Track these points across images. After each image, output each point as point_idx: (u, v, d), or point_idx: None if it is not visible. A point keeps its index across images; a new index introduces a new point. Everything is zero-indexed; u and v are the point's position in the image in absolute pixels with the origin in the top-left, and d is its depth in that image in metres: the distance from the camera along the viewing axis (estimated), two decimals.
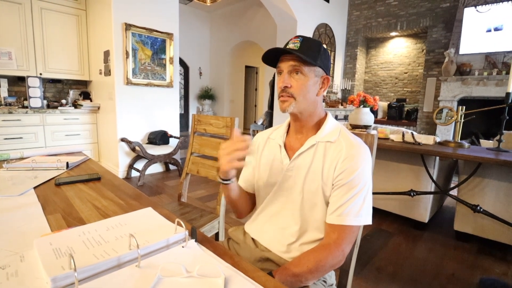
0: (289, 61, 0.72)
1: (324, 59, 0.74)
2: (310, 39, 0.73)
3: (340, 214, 0.69)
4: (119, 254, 0.51)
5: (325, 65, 0.74)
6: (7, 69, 3.04)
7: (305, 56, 0.69)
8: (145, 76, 3.29)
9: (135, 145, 3.09)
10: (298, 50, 0.70)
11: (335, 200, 0.70)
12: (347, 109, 5.30)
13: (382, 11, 5.32)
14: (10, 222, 0.66)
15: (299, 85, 0.72)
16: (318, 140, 0.75)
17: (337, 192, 0.70)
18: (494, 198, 1.85)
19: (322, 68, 0.74)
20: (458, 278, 1.59)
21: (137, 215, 0.71)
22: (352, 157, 0.70)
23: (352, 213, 0.68)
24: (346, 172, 0.69)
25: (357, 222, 0.68)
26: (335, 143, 0.73)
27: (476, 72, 4.12)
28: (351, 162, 0.69)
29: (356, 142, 0.73)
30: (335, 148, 0.73)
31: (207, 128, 1.41)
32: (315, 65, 0.72)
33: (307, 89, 0.72)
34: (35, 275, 0.47)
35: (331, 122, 0.78)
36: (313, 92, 0.74)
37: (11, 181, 0.95)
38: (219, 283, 0.46)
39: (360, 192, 0.69)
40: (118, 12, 2.96)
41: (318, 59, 0.72)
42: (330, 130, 0.76)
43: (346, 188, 0.69)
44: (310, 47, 0.71)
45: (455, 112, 2.08)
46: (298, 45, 0.70)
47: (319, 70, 0.73)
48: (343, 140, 0.73)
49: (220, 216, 1.33)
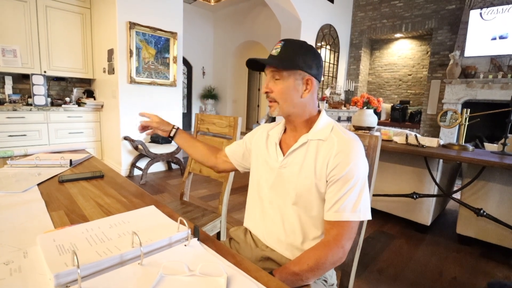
0: (269, 68, 0.75)
1: (307, 60, 0.73)
2: (292, 42, 0.74)
3: (337, 210, 0.69)
4: (122, 252, 0.51)
5: (308, 66, 0.73)
6: (12, 66, 3.06)
7: (281, 63, 0.72)
8: (149, 75, 3.30)
9: (138, 143, 3.10)
10: (276, 56, 0.73)
11: (331, 196, 0.70)
12: (350, 110, 5.29)
13: (387, 13, 5.30)
14: (14, 218, 0.67)
15: (279, 89, 0.74)
16: (310, 138, 0.75)
17: (332, 188, 0.70)
18: (497, 202, 1.83)
19: (304, 70, 0.73)
20: (460, 282, 1.58)
21: (140, 213, 0.71)
22: (343, 152, 0.70)
23: (348, 208, 0.68)
24: (339, 167, 0.69)
25: (355, 217, 0.68)
26: (327, 141, 0.74)
27: (481, 75, 4.09)
28: (343, 157, 0.69)
29: (348, 137, 0.73)
30: (327, 145, 0.73)
31: (210, 128, 1.41)
32: (294, 68, 0.73)
33: (287, 93, 0.74)
34: (38, 271, 0.47)
35: (324, 119, 0.78)
36: (296, 95, 0.74)
37: (15, 177, 0.95)
38: (222, 282, 0.46)
39: (354, 186, 0.69)
40: (122, 10, 2.97)
41: (299, 61, 0.72)
42: (322, 128, 0.76)
43: (341, 183, 0.69)
44: (289, 50, 0.72)
45: (459, 114, 2.06)
46: (278, 50, 0.73)
47: (300, 73, 0.73)
48: (335, 136, 0.73)
49: (222, 215, 1.33)
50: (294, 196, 0.75)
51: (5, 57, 3.01)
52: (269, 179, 0.81)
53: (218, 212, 1.34)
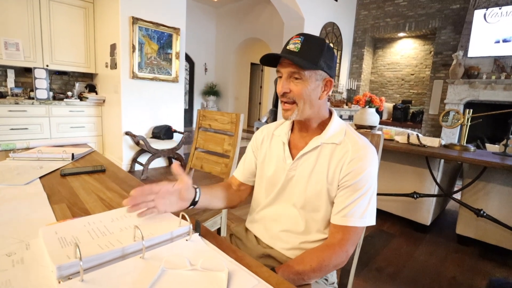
0: (288, 66, 0.69)
1: (327, 60, 0.69)
2: (312, 38, 0.69)
3: (345, 215, 0.68)
4: (123, 245, 0.51)
5: (328, 66, 0.70)
6: (14, 59, 3.06)
7: (305, 61, 0.66)
8: (151, 71, 3.30)
9: (139, 139, 3.10)
10: (298, 52, 0.67)
11: (341, 200, 0.70)
12: (352, 109, 5.27)
13: (391, 11, 5.27)
14: (16, 210, 0.67)
15: (299, 89, 0.69)
16: (323, 142, 0.73)
17: (343, 193, 0.70)
18: (498, 203, 1.83)
19: (325, 70, 0.70)
20: (459, 281, 1.58)
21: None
22: (358, 159, 0.69)
23: (357, 214, 0.68)
24: (353, 173, 0.68)
25: (361, 223, 0.68)
26: (341, 145, 0.72)
27: (484, 76, 4.07)
28: (357, 164, 0.68)
29: (363, 143, 0.71)
30: (341, 150, 0.71)
31: (212, 124, 1.41)
32: (316, 69, 0.69)
33: (307, 94, 0.69)
34: (40, 263, 0.47)
35: (336, 122, 0.76)
36: (315, 96, 0.71)
37: (17, 170, 0.96)
38: (223, 276, 0.46)
39: (365, 194, 0.69)
40: (125, 5, 2.96)
41: (320, 60, 0.68)
42: (335, 131, 0.74)
43: (352, 190, 0.69)
44: (311, 48, 0.67)
45: (461, 115, 2.06)
46: (298, 46, 0.67)
47: (321, 73, 0.70)
48: (349, 141, 0.72)
49: (222, 211, 1.33)
50: (303, 200, 0.74)
51: (8, 50, 3.01)
52: (276, 181, 0.79)
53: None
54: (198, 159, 1.46)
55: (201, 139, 1.46)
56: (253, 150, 0.89)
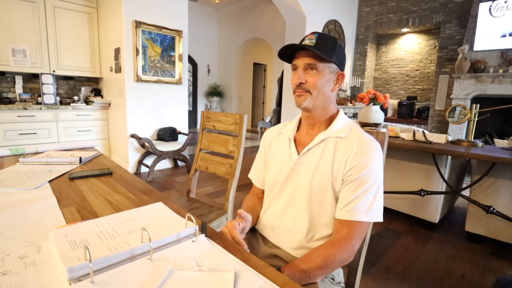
0: (304, 58, 0.73)
1: (339, 56, 0.74)
2: (326, 35, 0.74)
3: (350, 209, 0.68)
4: (132, 247, 0.52)
5: (340, 62, 0.75)
6: (22, 66, 3.12)
7: (321, 53, 0.70)
8: (155, 73, 3.32)
9: (145, 141, 3.13)
10: (313, 46, 0.71)
11: (345, 195, 0.70)
12: (356, 106, 5.24)
13: (394, 7, 5.21)
14: (27, 214, 0.69)
15: (314, 80, 0.73)
16: (328, 136, 0.75)
17: (347, 188, 0.70)
18: (508, 199, 1.80)
19: (337, 65, 0.74)
20: (469, 280, 1.56)
21: (148, 209, 0.72)
22: (362, 153, 0.70)
23: (362, 209, 0.68)
24: (357, 167, 0.69)
25: (367, 218, 0.68)
26: (346, 139, 0.73)
27: (491, 69, 3.99)
28: (361, 158, 0.69)
29: (367, 138, 0.73)
30: (346, 144, 0.73)
31: (216, 125, 1.42)
32: (330, 61, 0.73)
33: (322, 85, 0.73)
34: (51, 265, 0.49)
35: (343, 118, 0.79)
36: (328, 88, 0.75)
37: (27, 175, 0.98)
38: (229, 277, 0.47)
39: (370, 188, 0.69)
40: (128, 9, 2.99)
41: (334, 55, 0.73)
42: (341, 126, 0.76)
43: (357, 184, 0.69)
44: (326, 43, 0.72)
45: (468, 110, 2.02)
46: (314, 41, 0.71)
47: (334, 67, 0.74)
48: (354, 136, 0.73)
49: (228, 212, 1.34)
50: (308, 194, 0.75)
51: (16, 57, 3.07)
52: (281, 176, 0.80)
53: (225, 209, 1.35)
54: (203, 160, 1.47)
55: (206, 141, 1.47)
56: (263, 155, 0.91)
